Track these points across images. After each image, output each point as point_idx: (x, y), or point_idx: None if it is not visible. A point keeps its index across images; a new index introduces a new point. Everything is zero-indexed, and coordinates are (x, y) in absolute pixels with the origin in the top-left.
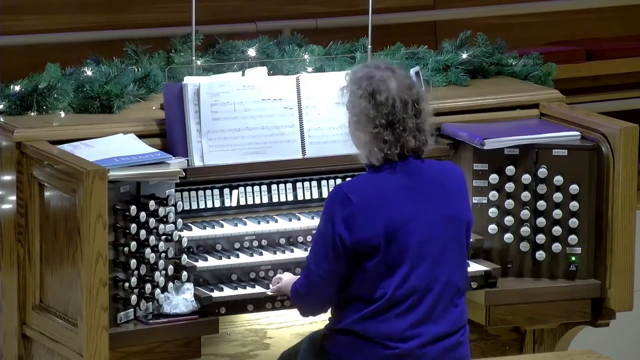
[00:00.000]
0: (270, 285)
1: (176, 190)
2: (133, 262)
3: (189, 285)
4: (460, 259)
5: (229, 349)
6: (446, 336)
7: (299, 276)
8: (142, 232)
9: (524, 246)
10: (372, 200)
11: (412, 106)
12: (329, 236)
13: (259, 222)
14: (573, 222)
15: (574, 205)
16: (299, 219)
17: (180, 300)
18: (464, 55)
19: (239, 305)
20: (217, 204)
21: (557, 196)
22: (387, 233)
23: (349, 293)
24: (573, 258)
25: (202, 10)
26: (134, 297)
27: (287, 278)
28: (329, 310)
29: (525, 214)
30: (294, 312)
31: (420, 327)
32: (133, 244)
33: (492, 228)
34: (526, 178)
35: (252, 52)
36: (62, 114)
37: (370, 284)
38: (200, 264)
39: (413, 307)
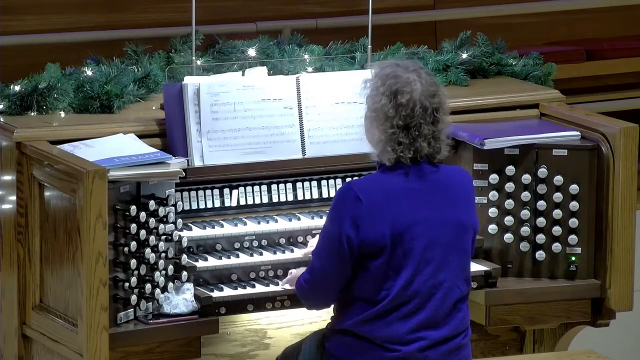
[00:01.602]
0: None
1: (176, 190)
2: (133, 262)
3: (189, 285)
4: (464, 264)
5: (229, 349)
6: (448, 339)
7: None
8: (142, 232)
9: (524, 246)
10: (380, 201)
11: (431, 113)
12: (336, 235)
13: (259, 222)
14: (573, 222)
15: (574, 205)
16: (299, 219)
17: (180, 300)
18: (464, 55)
19: (239, 305)
20: (217, 204)
21: (557, 196)
22: (394, 235)
23: (352, 293)
24: (573, 258)
25: (202, 10)
26: (134, 297)
27: (297, 271)
28: (332, 310)
29: (525, 214)
30: (294, 312)
31: (422, 331)
32: (133, 244)
33: (492, 228)
34: (526, 178)
35: (252, 52)
36: (62, 114)
37: (373, 284)
38: (200, 264)
39: (416, 311)
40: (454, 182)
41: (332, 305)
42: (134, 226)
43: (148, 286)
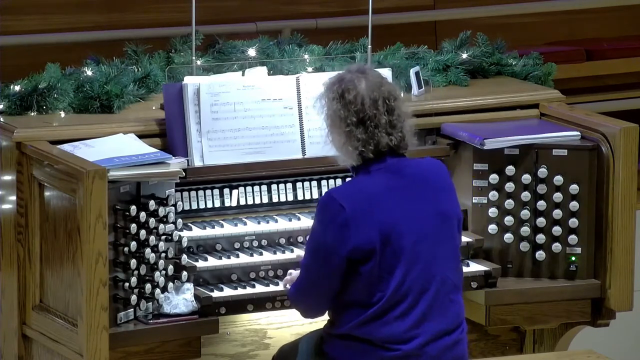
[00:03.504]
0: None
1: (176, 190)
2: (133, 262)
3: (189, 285)
4: (453, 254)
5: (229, 349)
6: (445, 334)
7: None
8: (142, 232)
9: (524, 246)
10: (364, 205)
11: (382, 103)
12: (323, 245)
13: (259, 222)
14: (573, 222)
15: (574, 205)
16: (299, 219)
17: (180, 300)
18: (464, 55)
19: (239, 305)
20: (217, 204)
21: (557, 196)
22: (382, 236)
23: (346, 298)
24: (573, 258)
25: (202, 10)
26: (134, 297)
27: (297, 272)
28: (327, 314)
29: (525, 214)
30: (294, 312)
31: (420, 327)
32: (133, 244)
33: (492, 228)
34: (526, 178)
35: (252, 52)
36: (62, 114)
37: (366, 288)
38: (200, 264)
39: (411, 308)
40: (431, 174)
41: None
42: (134, 226)
43: (148, 286)
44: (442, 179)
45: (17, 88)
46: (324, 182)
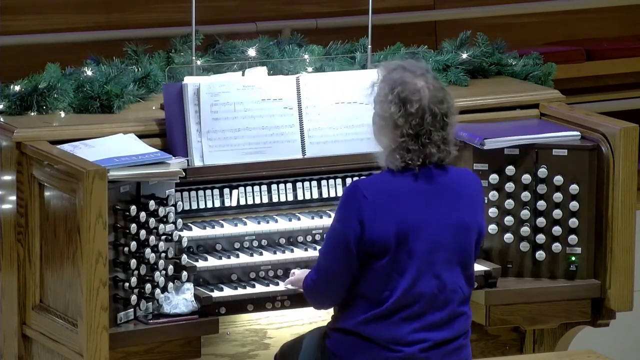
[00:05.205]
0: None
1: (176, 190)
2: (133, 262)
3: (189, 285)
4: (467, 265)
5: (229, 349)
6: (450, 341)
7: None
8: (142, 232)
9: (524, 246)
10: (386, 200)
11: (440, 119)
12: (341, 232)
13: (259, 222)
14: (573, 222)
15: (574, 205)
16: (299, 219)
17: (180, 300)
18: (464, 55)
19: (239, 305)
20: (217, 204)
21: (557, 196)
22: (398, 235)
23: (355, 291)
24: (573, 258)
25: (202, 10)
26: (134, 297)
27: (300, 272)
28: (332, 309)
29: (525, 214)
30: (294, 312)
31: (425, 332)
32: (133, 244)
33: (492, 228)
34: (526, 178)
35: (252, 52)
36: (62, 114)
37: (377, 284)
38: (200, 264)
39: (419, 313)
40: (459, 184)
41: None
42: (134, 226)
43: (148, 286)
44: (470, 190)
45: (17, 88)
46: (324, 182)
